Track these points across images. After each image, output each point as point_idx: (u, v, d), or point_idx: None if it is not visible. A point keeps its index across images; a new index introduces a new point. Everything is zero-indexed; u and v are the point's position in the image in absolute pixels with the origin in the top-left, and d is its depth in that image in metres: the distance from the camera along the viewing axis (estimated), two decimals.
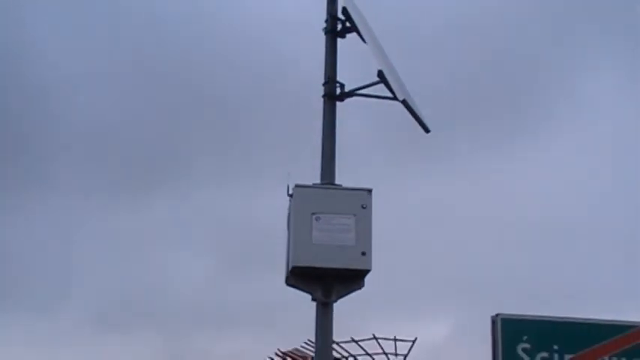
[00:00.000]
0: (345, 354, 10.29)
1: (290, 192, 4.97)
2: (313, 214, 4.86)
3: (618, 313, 6.09)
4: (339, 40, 5.41)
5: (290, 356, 11.93)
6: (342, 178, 5.15)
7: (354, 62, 5.48)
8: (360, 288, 5.11)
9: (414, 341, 10.04)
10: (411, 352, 10.10)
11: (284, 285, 5.03)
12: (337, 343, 8.68)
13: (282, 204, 5.05)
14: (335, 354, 8.72)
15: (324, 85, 5.32)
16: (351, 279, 5.03)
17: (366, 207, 4.94)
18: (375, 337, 10.00)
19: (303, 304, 4.98)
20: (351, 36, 5.37)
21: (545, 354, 5.59)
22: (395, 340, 10.03)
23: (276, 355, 12.35)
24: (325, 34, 5.44)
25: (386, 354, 10.05)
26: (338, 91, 5.29)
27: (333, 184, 5.18)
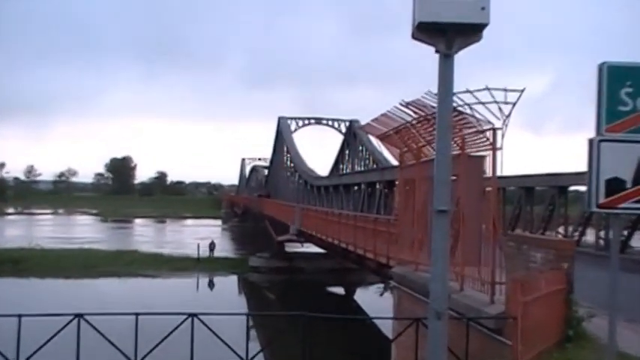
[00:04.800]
0: (461, 103, 10.29)
1: None
2: None
3: None
4: None
5: (413, 105, 12.10)
6: None
7: None
8: (478, 41, 5.08)
9: (522, 91, 9.81)
10: (518, 101, 9.91)
11: (407, 47, 5.05)
12: (454, 94, 8.67)
13: None
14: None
15: None
16: (471, 32, 4.97)
17: None
18: (487, 88, 9.86)
19: (423, 61, 5.04)
20: None
21: None
22: (505, 90, 9.85)
23: (400, 105, 12.55)
24: None
25: (497, 102, 9.95)
26: None
27: None
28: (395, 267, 15.79)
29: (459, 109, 10.50)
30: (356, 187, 44.53)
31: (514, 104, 9.85)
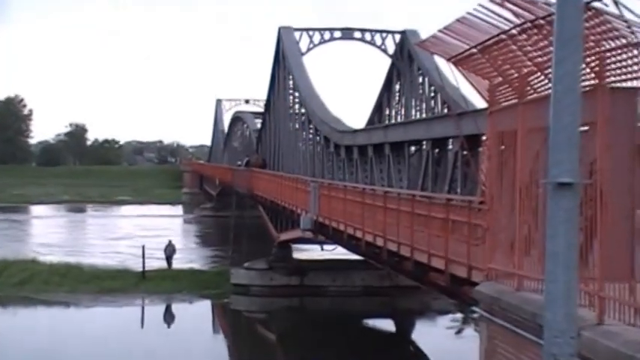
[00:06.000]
0: (617, 13, 10.23)
1: None
2: None
3: None
4: None
5: (512, 2, 12.09)
6: None
7: None
8: None
9: None
10: None
11: None
12: None
13: None
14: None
15: None
16: None
17: None
18: None
19: None
20: None
21: None
22: None
23: (491, 2, 12.54)
24: None
25: None
26: None
27: None
28: (482, 284, 15.86)
29: (595, 4, 10.44)
30: (413, 148, 44.56)
31: None
